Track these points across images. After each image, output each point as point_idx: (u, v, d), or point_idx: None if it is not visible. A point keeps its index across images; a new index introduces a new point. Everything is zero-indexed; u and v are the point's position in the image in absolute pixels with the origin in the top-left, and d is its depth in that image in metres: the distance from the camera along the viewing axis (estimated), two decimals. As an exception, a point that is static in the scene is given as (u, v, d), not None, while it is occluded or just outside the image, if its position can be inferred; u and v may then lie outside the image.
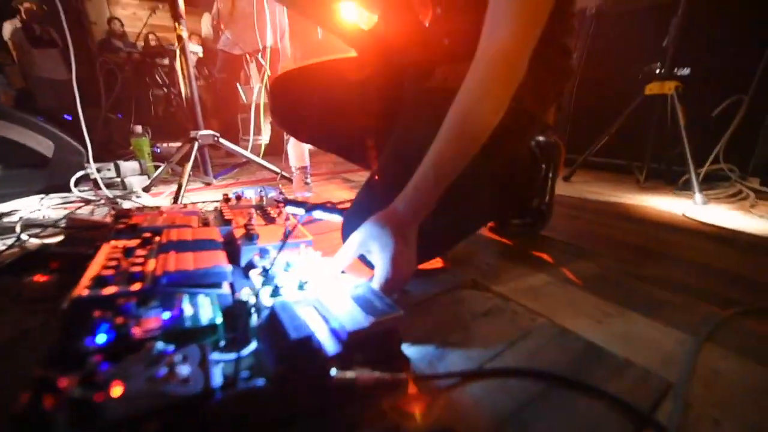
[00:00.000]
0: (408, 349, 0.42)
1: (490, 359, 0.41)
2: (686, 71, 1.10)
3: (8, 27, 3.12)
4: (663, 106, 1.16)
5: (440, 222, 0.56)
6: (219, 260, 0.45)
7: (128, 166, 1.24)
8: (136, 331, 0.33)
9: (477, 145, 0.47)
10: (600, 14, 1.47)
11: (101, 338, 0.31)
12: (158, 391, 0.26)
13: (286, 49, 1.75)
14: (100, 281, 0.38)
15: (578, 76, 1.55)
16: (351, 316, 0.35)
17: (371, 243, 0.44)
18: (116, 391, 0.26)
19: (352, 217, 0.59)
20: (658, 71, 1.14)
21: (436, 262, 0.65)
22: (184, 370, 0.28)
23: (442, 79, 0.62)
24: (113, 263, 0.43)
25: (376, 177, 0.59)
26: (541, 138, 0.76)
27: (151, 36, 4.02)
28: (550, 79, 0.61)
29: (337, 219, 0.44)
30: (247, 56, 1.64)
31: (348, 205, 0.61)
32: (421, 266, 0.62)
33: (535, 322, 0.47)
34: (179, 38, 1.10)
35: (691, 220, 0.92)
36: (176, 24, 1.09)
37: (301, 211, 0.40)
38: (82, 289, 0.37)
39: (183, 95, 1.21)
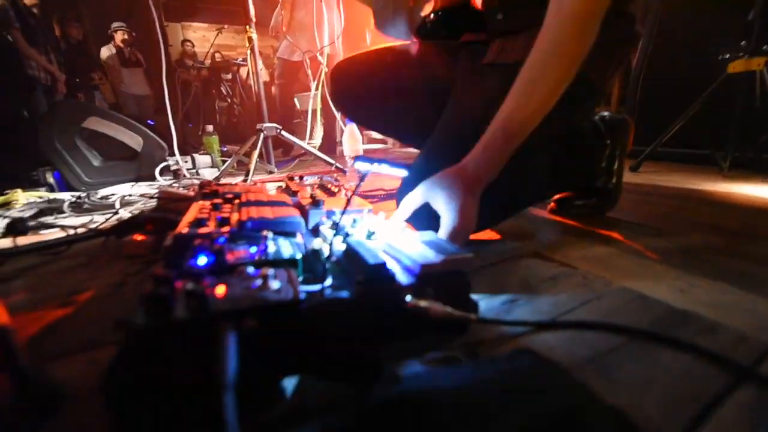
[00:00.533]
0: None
1: (562, 315, 0.39)
2: (778, 49, 0.99)
3: (105, 51, 3.65)
4: (750, 86, 1.04)
5: (493, 191, 0.55)
6: (294, 213, 0.48)
7: (202, 160, 1.39)
8: (230, 257, 0.37)
9: (547, 106, 0.47)
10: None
11: (202, 260, 0.35)
12: (255, 295, 0.29)
13: (340, 53, 1.84)
14: (197, 223, 0.44)
15: (644, 66, 1.45)
16: (422, 255, 0.36)
17: (438, 192, 0.45)
18: (220, 290, 0.29)
19: (408, 185, 0.60)
20: (744, 48, 1.03)
21: (491, 234, 0.64)
22: (275, 283, 0.31)
23: (497, 52, 0.62)
24: (205, 214, 0.48)
25: (432, 147, 0.61)
26: (606, 113, 0.73)
27: (216, 54, 4.47)
28: (611, 45, 0.58)
29: (402, 174, 0.46)
30: (307, 60, 1.76)
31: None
32: (475, 237, 0.62)
33: (609, 286, 0.45)
34: (249, 39, 1.21)
35: (791, 206, 0.81)
36: (247, 27, 1.20)
37: (368, 165, 0.42)
38: (183, 228, 0.42)
39: (253, 89, 1.32)
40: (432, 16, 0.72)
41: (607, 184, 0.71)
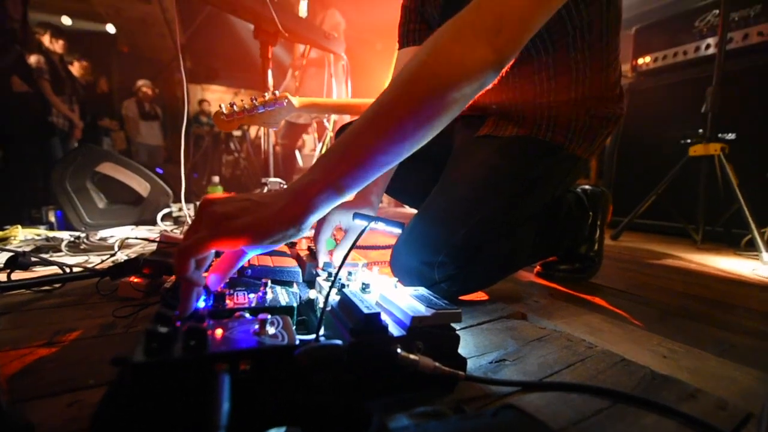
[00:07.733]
0: (461, 359, 0.42)
1: (548, 376, 0.40)
2: (732, 136, 1.12)
3: (126, 104, 3.92)
4: (710, 167, 1.16)
5: (482, 256, 0.59)
6: (293, 263, 0.51)
7: (203, 208, 1.43)
8: (229, 303, 0.38)
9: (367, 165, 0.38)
10: (633, 90, 1.57)
11: (201, 303, 0.37)
12: (251, 339, 0.30)
13: (345, 118, 2.00)
14: (199, 267, 0.46)
15: (618, 144, 1.60)
16: (413, 308, 0.38)
17: None
18: (218, 332, 0.31)
19: (402, 244, 0.64)
20: (702, 135, 1.17)
21: (480, 295, 0.66)
22: (272, 329, 0.32)
23: (492, 126, 0.69)
24: (207, 259, 0.50)
25: (428, 208, 0.65)
26: (588, 186, 0.79)
27: (230, 113, 4.80)
28: (594, 123, 0.65)
29: (398, 231, 0.49)
30: (315, 124, 1.90)
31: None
32: (464, 297, 0.64)
33: (593, 350, 0.46)
34: (265, 104, 1.34)
35: (762, 277, 0.84)
36: (264, 94, 1.34)
37: (364, 223, 0.46)
38: (186, 271, 0.44)
39: (262, 147, 1.41)
40: None
41: (589, 252, 0.75)
